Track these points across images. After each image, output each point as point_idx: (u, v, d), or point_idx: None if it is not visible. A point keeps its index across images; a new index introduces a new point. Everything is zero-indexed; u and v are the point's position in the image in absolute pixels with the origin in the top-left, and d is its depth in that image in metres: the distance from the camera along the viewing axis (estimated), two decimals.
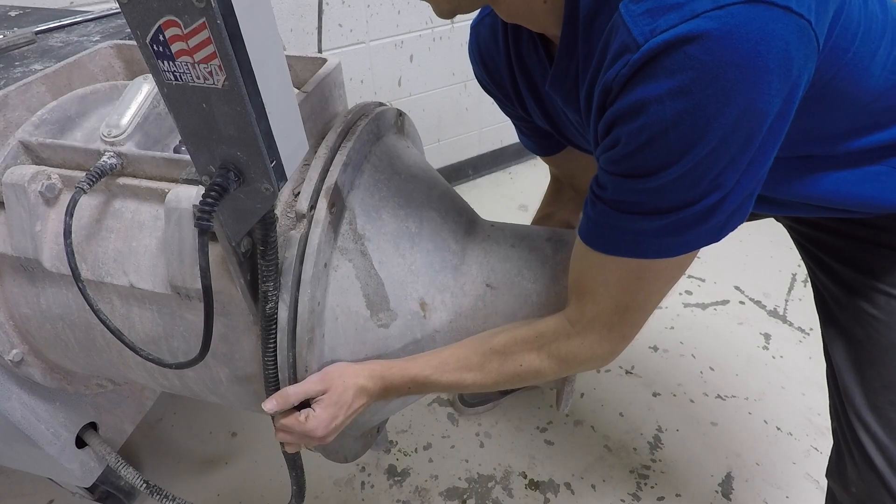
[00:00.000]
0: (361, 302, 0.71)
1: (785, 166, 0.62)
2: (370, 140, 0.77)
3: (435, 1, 0.59)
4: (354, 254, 0.70)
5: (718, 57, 0.43)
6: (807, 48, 0.45)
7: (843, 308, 0.75)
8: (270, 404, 0.66)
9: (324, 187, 0.68)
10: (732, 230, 0.54)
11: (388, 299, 0.72)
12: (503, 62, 0.74)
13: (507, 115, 0.89)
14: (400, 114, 0.88)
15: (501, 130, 2.24)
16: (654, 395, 1.44)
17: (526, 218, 2.05)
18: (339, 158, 0.70)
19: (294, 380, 0.68)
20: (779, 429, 1.35)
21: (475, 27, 0.78)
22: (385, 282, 0.72)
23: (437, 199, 0.81)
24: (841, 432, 0.76)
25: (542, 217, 1.08)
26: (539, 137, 0.90)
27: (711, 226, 0.52)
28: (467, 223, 0.82)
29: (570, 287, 0.66)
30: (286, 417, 0.67)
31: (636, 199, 0.53)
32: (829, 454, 0.81)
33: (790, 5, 0.43)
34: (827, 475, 0.82)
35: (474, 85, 2.02)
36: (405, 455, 1.33)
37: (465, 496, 1.24)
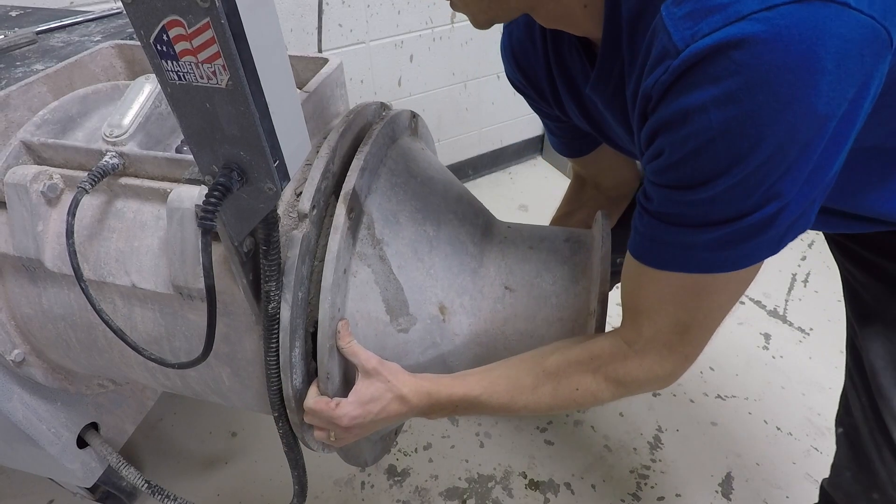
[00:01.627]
0: (381, 307, 0.70)
1: (854, 163, 0.57)
2: (386, 143, 0.77)
3: (472, 13, 0.59)
4: (373, 259, 0.70)
5: (769, 61, 0.40)
6: (873, 45, 0.42)
7: (885, 306, 0.72)
8: (342, 335, 0.66)
9: (342, 192, 0.67)
10: (793, 240, 0.51)
11: (407, 304, 0.72)
12: (541, 63, 0.72)
13: (538, 113, 0.87)
14: (414, 115, 0.88)
15: (501, 130, 2.24)
16: (654, 395, 1.44)
17: (526, 218, 2.05)
18: (357, 163, 0.70)
19: (302, 386, 0.69)
20: (779, 429, 1.35)
21: (508, 27, 0.76)
22: (404, 286, 0.72)
23: (454, 201, 0.81)
24: (870, 436, 0.72)
25: (562, 215, 1.06)
26: (569, 139, 0.88)
27: (770, 237, 0.50)
28: (484, 225, 0.82)
29: (623, 305, 0.63)
30: (317, 401, 0.66)
31: (684, 210, 0.51)
32: (836, 461, 0.78)
33: (848, 1, 0.40)
34: (830, 483, 0.79)
35: (474, 85, 2.02)
36: (405, 455, 1.33)
37: (465, 496, 1.24)
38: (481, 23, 0.59)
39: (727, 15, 0.41)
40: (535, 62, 0.74)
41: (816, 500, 0.88)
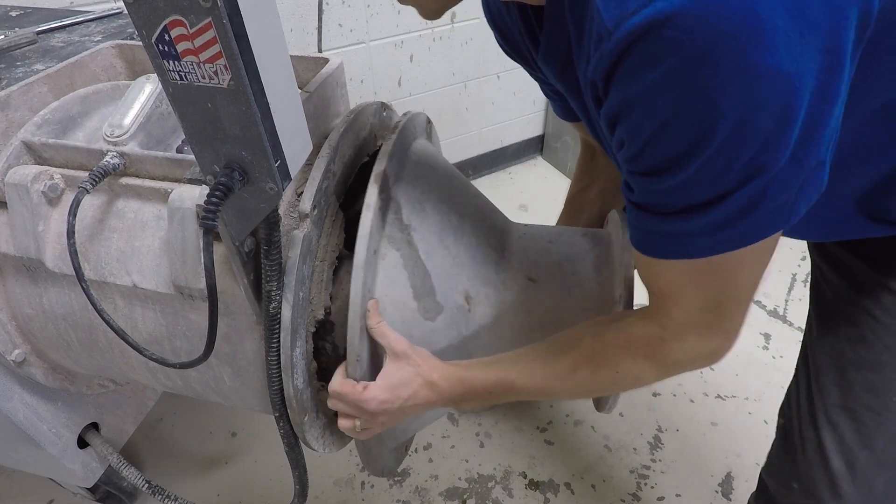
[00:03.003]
0: (409, 293, 0.70)
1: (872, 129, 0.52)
2: (410, 137, 0.77)
3: (419, 4, 0.57)
4: (401, 243, 0.70)
5: (704, 33, 0.37)
6: None
7: (843, 304, 0.71)
8: (372, 315, 0.64)
9: (373, 173, 0.67)
10: (808, 204, 0.47)
11: (434, 291, 0.71)
12: (516, 27, 0.69)
13: (533, 78, 0.83)
14: (429, 121, 0.89)
15: (501, 130, 2.24)
16: (654, 395, 1.44)
17: (526, 218, 2.05)
18: (386, 148, 0.70)
19: (304, 386, 0.69)
20: None
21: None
22: (431, 273, 0.71)
23: (474, 196, 0.81)
24: (799, 430, 0.73)
25: (577, 192, 1.00)
26: (565, 101, 0.81)
27: (771, 210, 0.46)
28: (503, 222, 0.83)
29: (649, 292, 0.60)
30: (343, 383, 0.64)
31: (664, 199, 0.48)
32: (771, 450, 0.79)
33: None
34: (765, 470, 0.80)
35: (474, 85, 2.02)
36: (405, 455, 1.33)
37: (465, 496, 1.24)
38: (430, 12, 0.57)
39: None
40: (512, 27, 0.71)
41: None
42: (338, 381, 0.66)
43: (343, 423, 0.67)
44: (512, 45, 0.74)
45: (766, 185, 0.44)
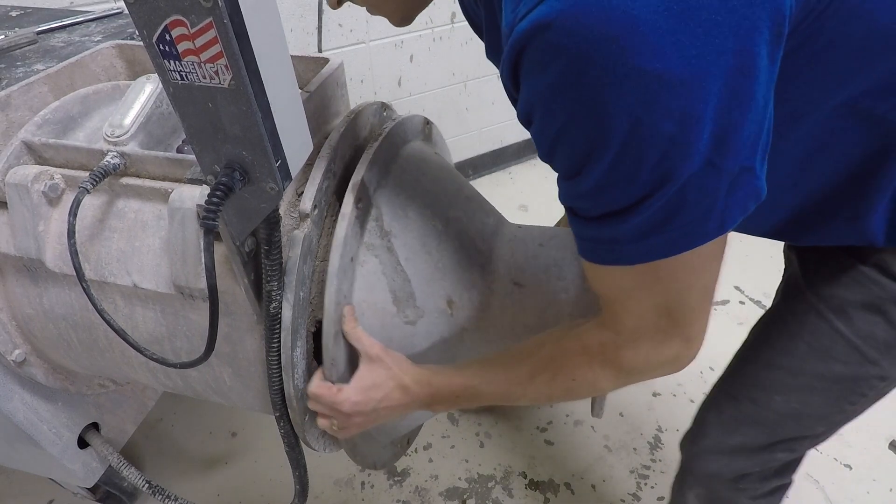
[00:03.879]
0: (388, 298, 0.71)
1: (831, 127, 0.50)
2: (397, 143, 0.78)
3: (386, 14, 0.58)
4: (381, 250, 0.70)
5: (584, 37, 0.37)
6: None
7: (784, 297, 0.71)
8: (347, 320, 0.66)
9: (350, 183, 0.68)
10: (745, 212, 0.45)
11: (414, 296, 0.72)
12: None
13: None
14: (427, 122, 0.89)
15: (501, 130, 2.24)
16: (654, 395, 1.44)
17: (526, 218, 2.06)
18: (366, 156, 0.70)
19: (304, 386, 0.69)
20: None
21: None
22: (412, 278, 0.72)
23: (464, 200, 0.81)
24: (710, 401, 0.80)
25: None
26: None
27: (693, 216, 0.44)
28: (494, 225, 0.82)
29: (599, 298, 0.59)
30: (320, 385, 0.67)
31: (581, 203, 0.48)
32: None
33: None
34: (681, 440, 0.86)
35: (474, 85, 2.02)
36: (405, 455, 1.33)
37: (465, 496, 1.24)
38: (398, 21, 0.58)
39: None
40: (479, 22, 0.72)
41: (816, 501, 0.89)
42: (315, 384, 0.68)
43: (321, 423, 0.70)
44: (479, 33, 0.75)
45: (681, 190, 0.42)
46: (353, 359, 0.71)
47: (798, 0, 0.40)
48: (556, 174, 0.50)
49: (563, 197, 0.50)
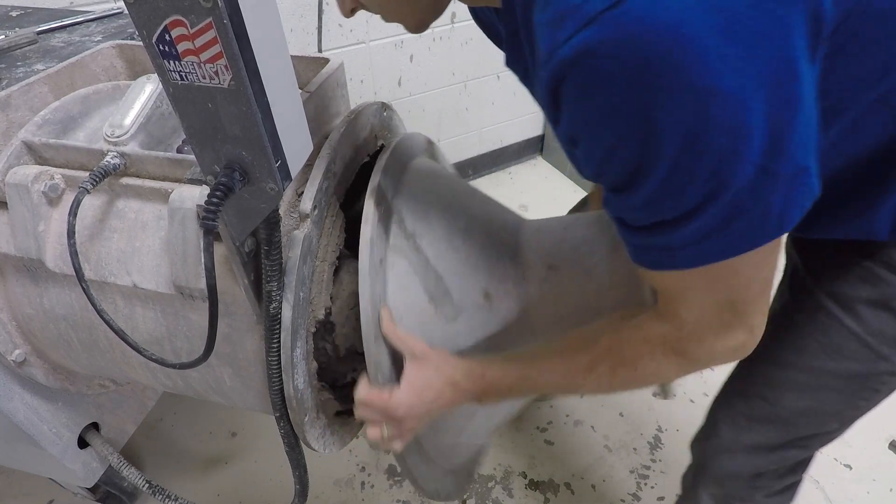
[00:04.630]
0: (423, 297, 0.70)
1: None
2: (405, 155, 0.78)
3: (403, 20, 0.58)
4: (408, 251, 0.70)
5: (631, 60, 0.38)
6: None
7: (783, 291, 0.71)
8: (385, 321, 0.65)
9: (369, 186, 0.68)
10: (802, 211, 0.46)
11: (450, 292, 0.71)
12: (494, 26, 0.71)
13: None
14: (430, 142, 0.90)
15: (501, 130, 2.24)
16: (655, 395, 1.44)
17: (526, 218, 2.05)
18: (379, 164, 0.71)
19: (304, 386, 0.68)
20: None
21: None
22: (444, 275, 0.71)
23: (480, 202, 0.82)
24: (720, 399, 0.80)
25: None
26: None
27: (750, 221, 0.45)
28: (515, 219, 0.83)
29: (655, 290, 0.59)
30: (370, 392, 0.64)
31: (633, 215, 0.49)
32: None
33: None
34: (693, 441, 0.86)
35: (474, 85, 2.02)
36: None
37: (465, 496, 1.24)
38: (413, 27, 0.58)
39: (577, 19, 0.39)
40: (489, 24, 0.72)
41: (816, 501, 0.89)
42: (363, 390, 0.65)
43: (371, 433, 0.66)
44: (497, 41, 0.74)
45: (735, 198, 0.43)
46: (395, 361, 0.68)
47: (837, 1, 0.41)
48: (555, 174, 0.50)
49: (614, 209, 0.50)
